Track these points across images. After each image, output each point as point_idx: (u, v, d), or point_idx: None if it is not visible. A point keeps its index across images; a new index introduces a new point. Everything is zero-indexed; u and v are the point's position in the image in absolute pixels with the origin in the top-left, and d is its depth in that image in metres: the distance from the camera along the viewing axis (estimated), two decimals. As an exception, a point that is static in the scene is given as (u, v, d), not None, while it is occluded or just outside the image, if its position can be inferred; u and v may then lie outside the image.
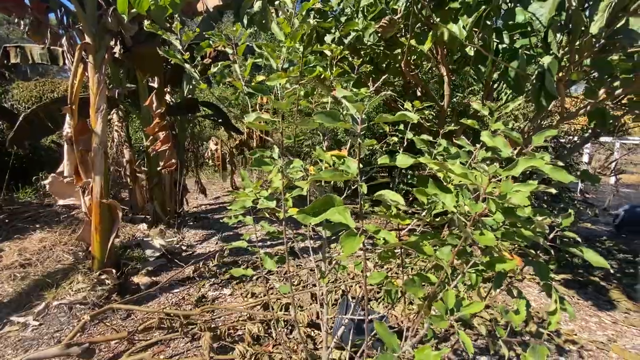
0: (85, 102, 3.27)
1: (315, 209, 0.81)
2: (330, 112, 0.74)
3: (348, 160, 0.83)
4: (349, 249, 0.74)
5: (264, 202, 1.12)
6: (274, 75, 1.07)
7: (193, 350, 2.40)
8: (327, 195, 0.82)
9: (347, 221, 0.81)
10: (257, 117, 1.02)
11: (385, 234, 0.79)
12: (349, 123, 0.76)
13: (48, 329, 2.64)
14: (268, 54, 1.06)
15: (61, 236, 4.00)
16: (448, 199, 0.75)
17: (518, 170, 0.69)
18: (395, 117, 0.71)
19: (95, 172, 3.16)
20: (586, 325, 2.87)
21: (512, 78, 2.37)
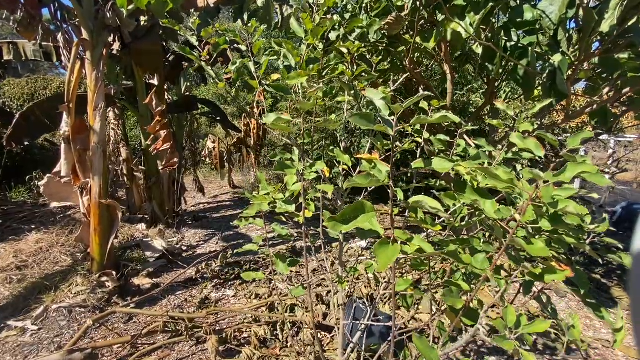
0: (83, 99, 3.18)
1: (346, 215, 0.77)
2: (365, 115, 0.70)
3: (379, 164, 0.79)
4: (385, 260, 0.70)
5: (282, 206, 1.08)
6: (294, 74, 1.03)
7: (199, 354, 2.35)
8: (359, 201, 0.78)
9: (376, 228, 0.78)
10: (277, 117, 0.97)
11: (420, 242, 0.76)
12: (383, 126, 0.72)
13: (47, 333, 2.57)
14: (287, 51, 1.02)
15: (58, 237, 3.91)
16: (488, 205, 0.71)
17: (568, 176, 0.66)
18: (435, 119, 0.67)
19: (94, 171, 3.08)
20: (591, 323, 2.88)
21: (522, 76, 2.34)
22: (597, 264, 4.15)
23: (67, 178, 3.14)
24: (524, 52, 2.29)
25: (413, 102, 0.70)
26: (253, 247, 1.60)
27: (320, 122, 1.00)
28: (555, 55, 2.13)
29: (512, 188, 0.67)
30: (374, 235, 0.81)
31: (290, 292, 1.74)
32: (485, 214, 0.73)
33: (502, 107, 1.08)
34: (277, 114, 0.99)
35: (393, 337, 0.87)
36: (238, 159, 11.22)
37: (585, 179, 0.72)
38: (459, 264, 0.79)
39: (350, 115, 0.69)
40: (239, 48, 4.37)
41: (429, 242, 0.91)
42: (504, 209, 0.72)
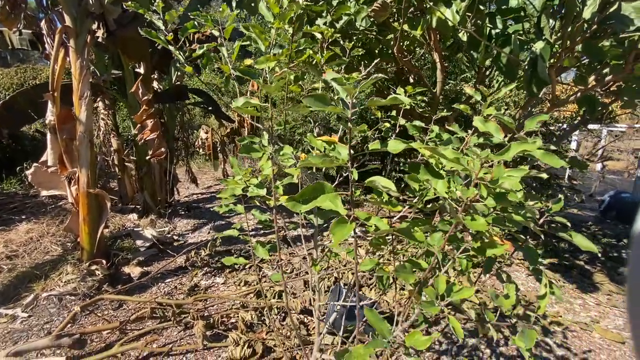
0: (69, 88, 3.15)
1: (305, 196, 0.80)
2: (319, 96, 0.72)
3: (338, 146, 0.81)
4: (340, 237, 0.73)
5: (254, 190, 1.10)
6: (262, 58, 1.04)
7: (186, 338, 2.40)
8: (318, 182, 0.80)
9: (337, 208, 0.80)
10: (246, 101, 0.98)
11: (376, 220, 0.78)
12: (339, 107, 0.74)
13: (37, 320, 2.61)
14: (256, 36, 1.02)
15: (48, 227, 3.92)
16: (440, 184, 0.74)
17: (510, 155, 0.68)
18: (387, 101, 0.69)
19: (81, 161, 3.07)
20: (571, 307, 2.96)
21: (504, 64, 2.35)
22: (582, 251, 4.23)
23: (54, 168, 3.13)
24: (507, 39, 2.30)
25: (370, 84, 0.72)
26: (233, 232, 1.63)
27: (290, 107, 1.01)
28: (538, 42, 2.13)
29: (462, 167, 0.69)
30: (335, 215, 0.83)
31: (271, 278, 1.78)
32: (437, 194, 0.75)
33: (470, 92, 1.10)
34: (246, 98, 1.00)
35: (358, 314, 0.91)
36: (232, 150, 11.19)
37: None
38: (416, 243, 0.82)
39: (305, 97, 0.70)
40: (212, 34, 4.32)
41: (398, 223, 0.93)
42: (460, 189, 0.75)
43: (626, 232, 5.07)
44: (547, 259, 3.90)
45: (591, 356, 2.28)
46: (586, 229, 5.17)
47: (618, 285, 3.37)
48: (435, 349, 2.33)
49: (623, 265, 3.87)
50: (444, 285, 0.70)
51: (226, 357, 2.20)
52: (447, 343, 2.39)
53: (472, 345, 2.36)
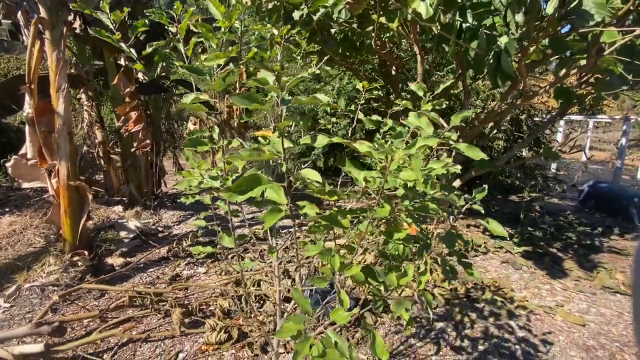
0: (47, 80, 3.14)
1: (241, 187, 0.86)
2: (246, 95, 0.77)
3: (274, 140, 0.86)
4: (270, 222, 0.80)
5: (209, 181, 1.16)
6: (212, 55, 1.08)
7: (165, 325, 2.48)
8: (253, 174, 0.86)
9: (280, 199, 0.86)
10: (196, 97, 1.04)
11: (308, 208, 0.85)
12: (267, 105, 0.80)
13: (20, 310, 2.66)
14: (204, 34, 1.07)
15: (32, 219, 3.95)
16: (361, 175, 0.80)
17: (414, 149, 0.75)
18: (307, 100, 0.75)
19: (60, 153, 3.09)
20: (538, 292, 3.09)
21: (472, 58, 2.41)
22: (556, 239, 4.38)
23: (34, 160, 3.15)
24: (474, 34, 2.35)
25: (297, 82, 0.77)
26: (200, 222, 1.69)
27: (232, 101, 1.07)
28: (503, 37, 2.19)
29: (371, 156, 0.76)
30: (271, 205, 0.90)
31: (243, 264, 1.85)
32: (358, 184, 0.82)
33: (414, 88, 1.16)
34: (196, 94, 1.05)
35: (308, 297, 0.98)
36: (222, 142, 11.13)
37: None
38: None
39: (233, 95, 0.76)
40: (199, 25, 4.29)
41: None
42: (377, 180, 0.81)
43: (602, 221, 5.24)
44: (522, 246, 4.04)
45: (550, 337, 2.41)
46: (564, 218, 5.33)
47: (586, 271, 3.52)
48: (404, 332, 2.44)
49: (594, 253, 4.03)
50: (338, 264, 0.77)
51: (202, 342, 2.29)
52: (416, 327, 2.50)
53: (440, 329, 2.48)
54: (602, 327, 2.59)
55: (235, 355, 2.19)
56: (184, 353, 2.21)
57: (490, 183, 6.50)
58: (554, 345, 2.32)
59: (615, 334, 2.51)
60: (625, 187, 6.63)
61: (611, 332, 2.53)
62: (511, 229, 4.64)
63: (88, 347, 2.24)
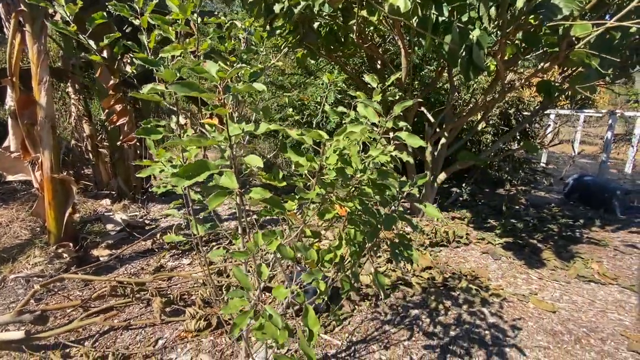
0: (29, 73, 3.15)
1: (189, 172, 0.90)
2: (187, 82, 0.82)
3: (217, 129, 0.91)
4: (214, 204, 0.85)
5: (169, 170, 1.20)
6: (169, 47, 1.12)
7: (147, 314, 2.53)
8: (201, 160, 0.91)
9: (232, 184, 0.91)
10: (152, 87, 1.07)
11: (254, 193, 0.90)
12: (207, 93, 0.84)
13: (4, 300, 2.70)
14: (160, 26, 1.10)
15: (18, 212, 3.97)
16: (302, 160, 0.85)
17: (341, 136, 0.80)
18: (243, 88, 0.79)
19: (43, 146, 3.11)
20: (514, 281, 3.18)
21: (447, 51, 2.45)
22: (538, 230, 4.47)
23: (17, 153, 3.16)
24: (448, 27, 2.39)
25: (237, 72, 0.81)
26: (172, 212, 1.74)
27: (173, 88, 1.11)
28: (475, 30, 2.24)
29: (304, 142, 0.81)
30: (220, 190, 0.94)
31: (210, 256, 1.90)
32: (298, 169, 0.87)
33: (369, 80, 1.21)
34: (153, 85, 1.09)
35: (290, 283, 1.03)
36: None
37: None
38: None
39: (172, 83, 0.80)
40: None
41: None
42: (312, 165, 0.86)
43: (585, 213, 5.34)
44: (503, 238, 4.13)
45: (519, 323, 2.50)
46: (548, 210, 5.42)
47: (564, 261, 3.61)
48: (380, 319, 2.52)
49: (573, 244, 4.12)
50: (260, 240, 0.83)
51: (182, 329, 2.35)
52: (391, 314, 2.58)
53: (414, 316, 2.56)
54: (572, 314, 2.68)
55: (214, 342, 2.25)
56: (163, 340, 2.26)
57: (479, 176, 6.58)
58: (522, 330, 2.41)
59: (584, 320, 2.60)
60: (608, 180, 6.74)
61: (580, 319, 2.62)
62: (495, 220, 4.74)
63: (70, 334, 2.29)
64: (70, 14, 1.13)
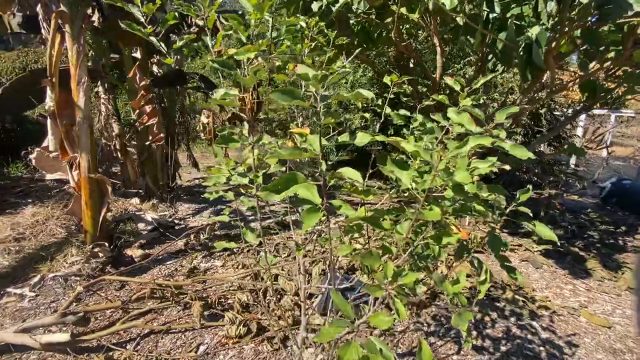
0: (68, 74, 3.17)
1: (278, 185, 0.83)
2: (286, 90, 0.74)
3: (310, 138, 0.84)
4: (309, 223, 0.77)
5: (237, 178, 1.14)
6: (242, 49, 1.05)
7: (185, 317, 2.51)
8: (291, 172, 0.84)
9: (313, 197, 0.84)
10: (225, 92, 1.01)
11: (346, 209, 0.82)
12: (307, 102, 0.76)
13: (44, 299, 2.73)
14: (234, 27, 1.03)
15: (53, 210, 4.04)
16: (404, 175, 0.77)
17: (467, 148, 0.71)
18: (350, 96, 0.71)
19: (81, 146, 3.13)
20: (561, 292, 3.02)
21: (500, 49, 2.32)
22: (578, 238, 4.26)
23: (55, 153, 3.20)
24: (503, 24, 2.26)
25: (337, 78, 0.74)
26: (224, 218, 1.69)
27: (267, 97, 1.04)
28: (534, 27, 2.10)
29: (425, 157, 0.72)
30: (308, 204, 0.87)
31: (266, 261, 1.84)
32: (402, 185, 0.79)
33: (450, 82, 1.11)
34: (226, 89, 1.02)
35: (322, 295, 0.96)
36: (234, 135, 11.18)
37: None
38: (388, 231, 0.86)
39: (273, 91, 0.73)
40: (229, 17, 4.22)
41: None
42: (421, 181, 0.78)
43: (625, 219, 5.07)
44: (541, 244, 3.94)
45: (575, 339, 2.35)
46: (585, 216, 5.18)
47: (610, 271, 3.42)
48: (423, 330, 2.42)
49: (618, 253, 3.91)
50: (391, 271, 0.74)
51: (222, 335, 2.31)
52: (435, 325, 2.47)
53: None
54: (628, 330, 2.51)
55: (255, 349, 2.20)
56: (204, 345, 2.23)
57: (507, 179, 6.35)
58: (579, 348, 2.26)
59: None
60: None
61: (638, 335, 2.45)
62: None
63: (111, 337, 2.29)
64: (148, 13, 1.08)
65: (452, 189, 0.73)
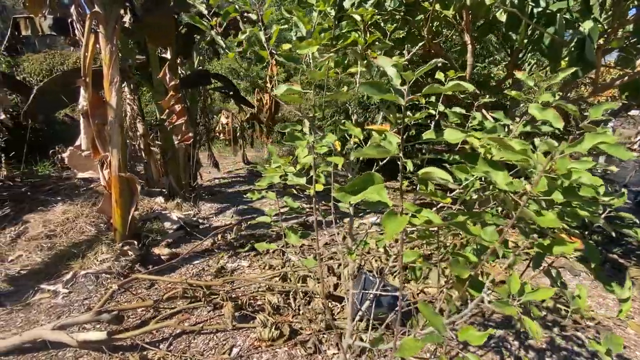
0: (98, 74, 3.22)
1: (355, 187, 0.78)
2: (375, 83, 0.69)
3: (390, 136, 0.78)
4: (392, 230, 0.71)
5: (293, 178, 1.09)
6: (305, 43, 1.00)
7: (215, 318, 2.49)
8: (367, 173, 0.78)
9: (383, 199, 0.78)
10: (288, 88, 0.97)
11: (429, 213, 0.76)
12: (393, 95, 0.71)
13: (77, 296, 2.77)
14: (298, 19, 0.99)
15: (82, 208, 4.11)
16: (500, 177, 0.70)
17: (584, 147, 0.64)
18: (448, 88, 0.65)
19: (112, 145, 3.17)
20: (604, 302, 2.86)
21: (547, 45, 2.20)
22: (615, 243, 4.06)
23: (88, 152, 3.24)
24: (551, 18, 2.14)
25: (426, 70, 0.68)
26: (266, 219, 1.64)
27: (332, 94, 0.98)
28: (586, 21, 1.98)
29: (526, 160, 0.65)
30: (382, 206, 0.82)
31: (302, 263, 1.79)
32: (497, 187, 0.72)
33: (523, 77, 1.04)
34: (288, 85, 0.98)
35: (400, 305, 0.90)
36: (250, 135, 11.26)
37: (611, 155, 0.70)
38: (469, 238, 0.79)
39: (361, 84, 0.67)
40: (249, 18, 4.22)
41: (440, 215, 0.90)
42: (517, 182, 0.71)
43: (664, 225, 4.81)
44: (577, 250, 3.77)
45: (626, 352, 2.21)
46: (619, 221, 4.94)
47: (654, 280, 3.23)
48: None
49: (660, 260, 3.70)
50: (517, 285, 0.67)
51: (255, 337, 2.28)
52: (473, 333, 2.37)
53: (499, 337, 2.34)
54: (682, 344, 2.35)
55: (289, 353, 2.15)
56: (237, 348, 2.20)
57: (533, 181, 6.14)
58: (632, 362, 2.13)
59: (699, 352, 2.27)
60: (688, 189, 6.07)
61: (694, 350, 2.29)
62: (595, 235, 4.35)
63: (144, 336, 2.28)
64: (214, 5, 1.04)
65: (564, 192, 0.66)
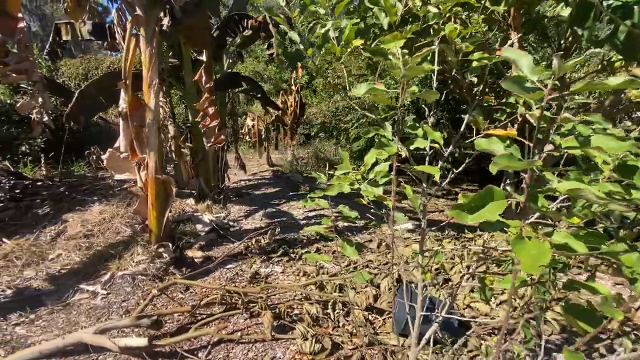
0: (136, 77, 3.24)
1: (472, 203, 0.66)
2: (517, 79, 0.57)
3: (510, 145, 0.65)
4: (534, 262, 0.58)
5: (367, 188, 0.98)
6: (389, 37, 0.89)
7: (253, 327, 2.41)
8: (487, 187, 0.66)
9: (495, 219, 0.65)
10: (371, 88, 0.86)
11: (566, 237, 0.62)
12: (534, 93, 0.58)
13: (115, 298, 2.77)
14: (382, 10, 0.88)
15: (118, 209, 4.18)
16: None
17: None
18: (617, 84, 0.52)
19: (149, 147, 3.18)
20: (675, 324, 2.57)
21: (622, 40, 1.99)
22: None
23: (126, 153, 3.27)
24: (627, 10, 1.93)
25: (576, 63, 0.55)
26: (319, 228, 1.54)
27: (420, 94, 0.87)
28: (673, 13, 1.76)
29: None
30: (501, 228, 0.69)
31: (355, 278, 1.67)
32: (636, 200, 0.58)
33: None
34: (369, 85, 0.87)
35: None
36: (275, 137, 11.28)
37: None
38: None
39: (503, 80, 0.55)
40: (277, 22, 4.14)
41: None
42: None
43: None
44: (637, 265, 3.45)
45: None
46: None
47: None
48: None
49: None
50: None
51: (295, 350, 2.18)
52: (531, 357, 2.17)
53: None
54: None
55: (332, 369, 2.04)
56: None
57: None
58: None
59: None
60: None
61: None
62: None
63: (183, 343, 2.23)
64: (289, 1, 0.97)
65: None
